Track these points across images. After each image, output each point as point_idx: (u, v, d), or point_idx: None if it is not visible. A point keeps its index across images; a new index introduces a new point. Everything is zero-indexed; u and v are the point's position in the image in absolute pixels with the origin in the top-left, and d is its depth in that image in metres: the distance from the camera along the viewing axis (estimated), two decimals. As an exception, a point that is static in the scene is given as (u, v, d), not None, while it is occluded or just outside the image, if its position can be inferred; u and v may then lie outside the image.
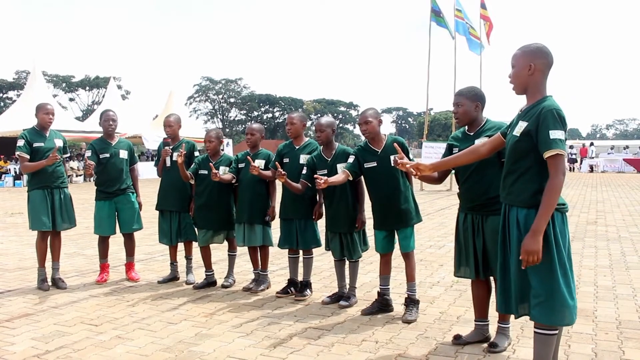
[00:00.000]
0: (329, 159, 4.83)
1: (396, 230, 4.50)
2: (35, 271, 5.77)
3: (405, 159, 3.56)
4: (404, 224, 4.46)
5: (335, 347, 3.84)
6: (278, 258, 6.77)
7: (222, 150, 5.75)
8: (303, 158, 5.03)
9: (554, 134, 2.84)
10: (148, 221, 7.26)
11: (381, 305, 4.61)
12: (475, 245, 3.70)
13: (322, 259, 6.56)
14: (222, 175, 5.25)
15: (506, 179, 3.12)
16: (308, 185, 4.85)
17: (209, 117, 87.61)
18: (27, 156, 5.51)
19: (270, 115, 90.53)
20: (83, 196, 14.59)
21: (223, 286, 5.52)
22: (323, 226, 4.94)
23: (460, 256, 3.82)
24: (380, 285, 4.66)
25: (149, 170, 19.87)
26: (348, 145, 5.34)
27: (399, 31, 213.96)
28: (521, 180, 3.01)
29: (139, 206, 6.03)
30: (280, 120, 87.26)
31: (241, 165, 5.39)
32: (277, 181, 5.22)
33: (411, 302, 4.48)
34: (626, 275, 5.92)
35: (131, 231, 5.98)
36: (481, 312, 3.87)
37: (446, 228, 9.43)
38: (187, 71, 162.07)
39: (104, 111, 6.05)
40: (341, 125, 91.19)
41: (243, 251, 5.96)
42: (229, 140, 32.60)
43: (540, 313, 2.91)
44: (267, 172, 5.16)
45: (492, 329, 3.85)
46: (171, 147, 5.78)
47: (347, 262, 4.93)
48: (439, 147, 18.13)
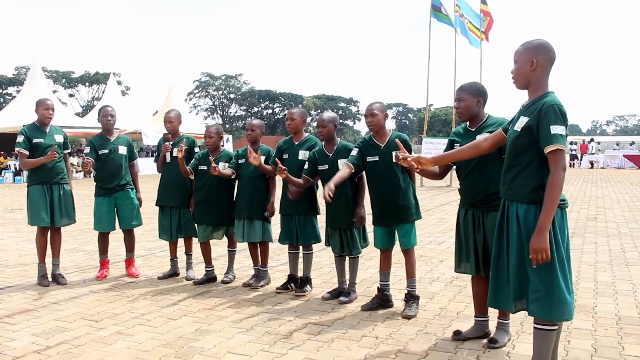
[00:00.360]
0: (331, 154, 4.83)
1: (395, 226, 4.51)
2: (35, 267, 5.77)
3: (406, 154, 3.57)
4: (403, 221, 4.46)
5: (335, 343, 3.84)
6: (278, 254, 6.77)
7: (222, 146, 5.75)
8: (302, 154, 5.03)
9: (555, 129, 2.84)
10: (148, 217, 7.26)
11: (381, 301, 4.61)
12: (475, 241, 3.70)
13: (322, 255, 6.56)
14: (222, 170, 5.25)
15: (506, 174, 3.12)
16: (310, 180, 4.86)
17: (209, 113, 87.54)
18: (27, 152, 5.50)
19: (270, 111, 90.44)
20: (83, 192, 14.59)
21: (223, 282, 5.53)
22: (323, 222, 4.95)
23: (460, 252, 3.83)
24: (380, 281, 4.66)
25: (149, 166, 19.87)
26: (348, 141, 5.30)
27: (399, 27, 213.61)
28: (521, 175, 3.01)
29: (139, 202, 6.03)
30: (280, 116, 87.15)
31: (241, 160, 5.39)
32: (277, 177, 5.23)
33: (411, 298, 4.48)
34: (626, 271, 5.93)
35: (131, 227, 5.98)
36: (481, 308, 3.87)
37: (446, 224, 9.44)
38: (187, 67, 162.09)
39: (103, 107, 6.05)
40: (341, 121, 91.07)
41: (243, 247, 5.97)
42: (229, 136, 32.56)
43: (538, 308, 2.91)
44: (268, 167, 5.16)
45: (492, 325, 3.86)
46: (171, 143, 5.78)
47: (347, 258, 4.94)
48: (439, 143, 18.11)
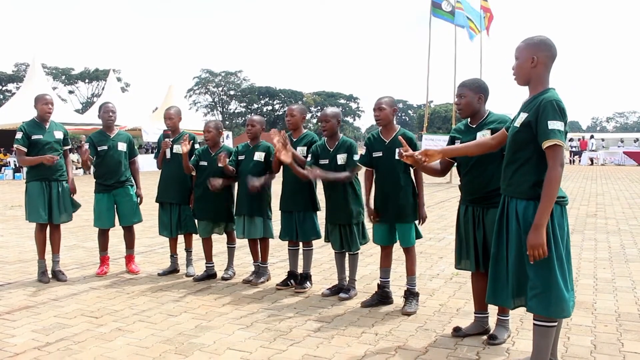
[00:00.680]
0: (332, 150, 4.83)
1: (396, 224, 4.50)
2: (35, 264, 5.77)
3: (410, 151, 3.51)
4: (401, 219, 4.45)
5: (335, 339, 3.85)
6: (278, 250, 6.78)
7: (223, 142, 5.75)
8: (300, 150, 5.03)
9: (553, 125, 2.84)
10: (148, 213, 7.26)
11: (381, 297, 4.61)
12: (475, 237, 3.70)
13: (322, 252, 6.56)
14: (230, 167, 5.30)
15: (506, 170, 3.12)
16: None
17: (209, 110, 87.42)
18: (25, 149, 5.48)
19: (270, 107, 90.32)
20: (83, 189, 14.51)
21: (223, 278, 5.54)
22: (323, 218, 4.95)
23: (460, 249, 3.83)
24: (380, 277, 4.66)
25: (149, 162, 19.82)
26: (348, 137, 5.28)
27: (399, 23, 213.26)
28: (520, 171, 3.01)
29: (140, 199, 6.03)
30: (280, 112, 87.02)
31: (241, 157, 5.38)
32: (276, 175, 5.25)
33: (411, 295, 4.49)
34: (625, 267, 5.93)
35: (130, 224, 5.97)
36: (481, 305, 3.87)
37: (446, 220, 9.44)
38: (187, 64, 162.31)
39: (103, 103, 6.04)
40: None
41: (243, 243, 5.96)
42: (229, 132, 32.54)
43: (537, 305, 2.91)
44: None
45: (492, 322, 3.86)
46: (171, 140, 5.77)
47: (347, 255, 4.94)
48: (439, 140, 18.11)
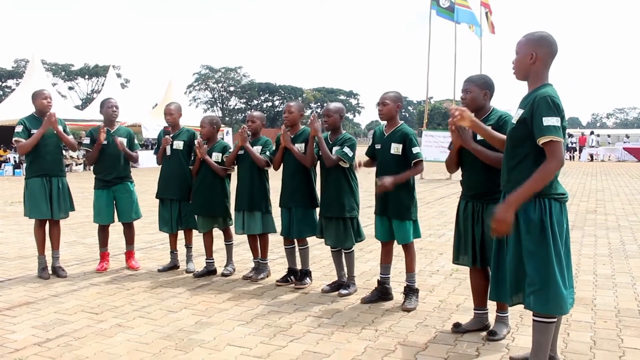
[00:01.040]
0: (331, 143, 4.82)
1: (393, 219, 4.48)
2: (35, 260, 5.77)
3: (453, 106, 3.45)
4: (395, 215, 4.43)
5: (335, 335, 3.85)
6: (278, 247, 6.77)
7: (222, 138, 5.74)
8: (298, 146, 5.01)
9: (547, 121, 2.83)
10: (148, 210, 7.28)
11: (381, 293, 4.62)
12: (474, 233, 3.70)
13: (321, 248, 6.55)
14: (208, 156, 5.41)
15: (505, 167, 3.12)
16: (315, 157, 4.91)
17: (209, 106, 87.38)
18: (24, 141, 5.46)
19: (270, 103, 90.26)
20: (83, 185, 14.59)
21: (223, 274, 5.54)
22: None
23: (459, 244, 3.83)
24: (380, 273, 4.67)
25: (149, 158, 19.83)
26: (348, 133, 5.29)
27: (400, 20, 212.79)
28: (519, 167, 3.01)
29: (119, 144, 5.70)
30: (280, 109, 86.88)
31: (240, 152, 5.38)
32: (274, 171, 5.26)
33: (410, 291, 4.49)
34: (625, 263, 5.94)
35: (130, 220, 5.97)
36: (480, 301, 3.88)
37: (446, 217, 9.42)
38: (187, 60, 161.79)
39: (106, 99, 6.01)
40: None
41: (242, 239, 5.96)
42: (229, 129, 32.50)
43: (534, 301, 2.91)
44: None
45: (492, 318, 3.86)
46: (171, 136, 5.76)
47: (343, 253, 4.93)
48: (439, 136, 18.11)
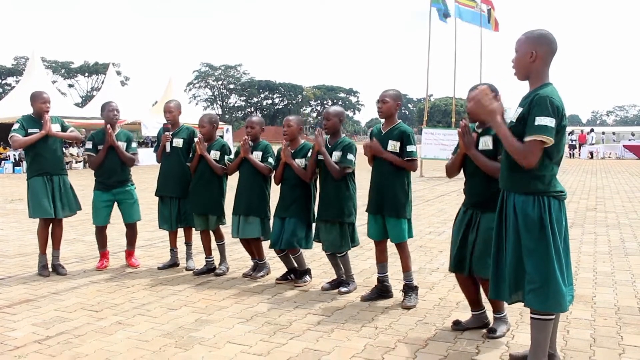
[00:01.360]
0: (330, 146, 4.82)
1: (386, 218, 4.46)
2: (35, 257, 5.78)
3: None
4: (391, 213, 4.41)
5: (335, 333, 3.86)
6: (278, 244, 6.76)
7: (222, 136, 5.73)
8: (299, 162, 5.00)
9: (540, 121, 2.82)
10: (148, 208, 7.28)
11: (380, 291, 4.62)
12: (467, 240, 3.65)
13: (320, 246, 6.55)
14: (207, 153, 5.39)
15: (505, 164, 3.11)
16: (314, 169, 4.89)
17: (209, 104, 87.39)
18: (20, 137, 5.44)
19: (270, 101, 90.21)
20: (82, 182, 14.55)
21: (216, 274, 5.47)
22: (315, 227, 4.95)
23: (453, 248, 3.79)
24: (378, 272, 4.67)
25: (149, 156, 19.82)
26: (348, 132, 5.29)
27: (400, 17, 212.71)
28: (518, 166, 3.00)
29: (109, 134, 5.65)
30: (280, 106, 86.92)
31: None
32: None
33: (410, 289, 4.49)
34: (625, 261, 5.94)
35: (133, 221, 5.96)
36: (474, 305, 3.88)
37: (446, 214, 9.44)
38: (187, 57, 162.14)
39: (107, 102, 5.97)
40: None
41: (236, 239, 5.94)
42: (229, 126, 32.48)
43: (534, 299, 2.91)
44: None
45: (491, 315, 3.86)
46: (171, 133, 5.76)
47: (337, 256, 4.91)
48: (439, 134, 18.11)
